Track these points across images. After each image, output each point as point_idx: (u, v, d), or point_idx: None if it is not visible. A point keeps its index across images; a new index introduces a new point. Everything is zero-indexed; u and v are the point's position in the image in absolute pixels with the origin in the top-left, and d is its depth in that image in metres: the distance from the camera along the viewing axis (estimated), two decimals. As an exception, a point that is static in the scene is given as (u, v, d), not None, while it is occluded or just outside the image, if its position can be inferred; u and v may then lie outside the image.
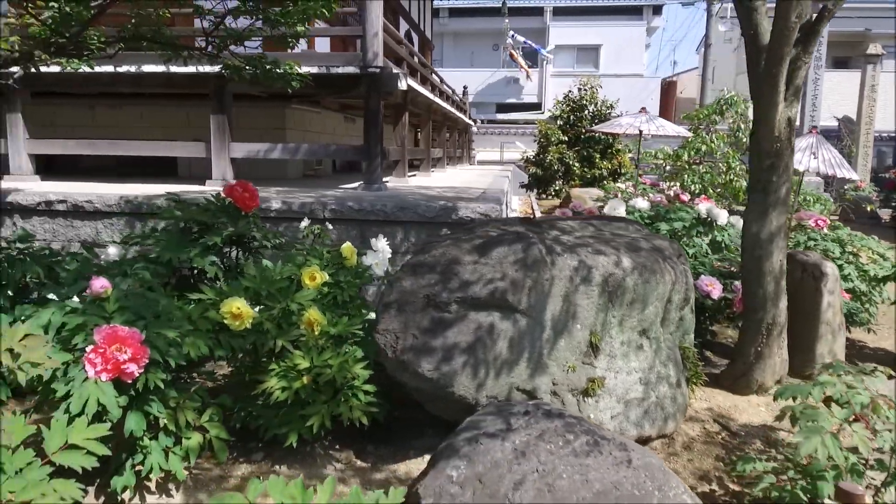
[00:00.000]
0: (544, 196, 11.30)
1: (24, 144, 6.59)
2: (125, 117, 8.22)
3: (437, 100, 9.75)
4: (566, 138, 10.31)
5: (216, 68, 6.03)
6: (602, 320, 2.81)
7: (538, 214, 10.28)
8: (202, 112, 7.87)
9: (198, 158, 7.44)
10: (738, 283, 3.92)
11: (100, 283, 2.18)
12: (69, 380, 1.93)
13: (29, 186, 6.04)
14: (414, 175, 9.25)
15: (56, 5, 3.11)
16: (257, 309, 2.63)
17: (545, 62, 24.07)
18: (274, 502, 1.68)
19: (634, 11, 23.79)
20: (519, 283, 2.56)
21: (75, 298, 2.69)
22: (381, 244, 3.99)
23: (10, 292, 2.89)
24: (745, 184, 7.09)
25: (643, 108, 7.44)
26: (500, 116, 24.27)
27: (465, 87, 17.19)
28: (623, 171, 10.22)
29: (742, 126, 8.28)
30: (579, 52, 24.42)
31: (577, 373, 2.75)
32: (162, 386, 2.08)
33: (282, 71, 4.09)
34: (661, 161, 9.49)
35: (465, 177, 10.35)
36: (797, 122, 3.52)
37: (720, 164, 7.48)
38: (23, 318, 2.49)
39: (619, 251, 2.89)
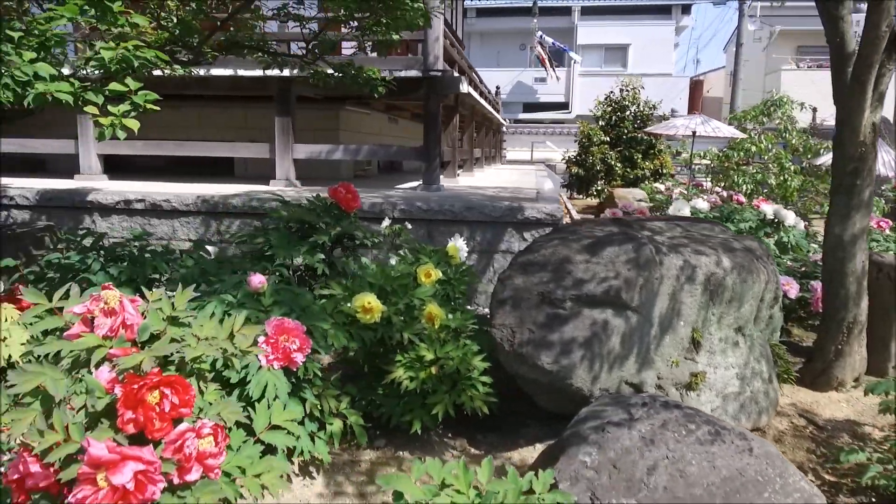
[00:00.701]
0: (581, 196, 11.40)
1: (93, 145, 6.84)
2: (183, 118, 8.45)
3: (481, 100, 9.90)
4: (608, 139, 10.41)
5: (283, 72, 6.25)
6: (703, 318, 2.94)
7: (574, 215, 10.38)
8: (259, 113, 8.09)
9: (255, 159, 7.66)
10: (814, 283, 4.02)
11: (258, 280, 2.35)
12: (243, 366, 2.10)
13: (102, 185, 6.28)
14: (458, 175, 9.40)
15: (173, 18, 3.29)
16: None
17: (573, 62, 24.11)
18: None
19: (663, 11, 23.75)
20: (632, 281, 2.70)
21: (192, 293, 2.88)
22: (460, 243, 4.16)
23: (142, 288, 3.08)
24: (797, 184, 7.15)
25: (696, 110, 7.52)
26: (527, 116, 24.36)
27: (497, 87, 17.31)
28: (664, 171, 10.31)
29: (789, 127, 8.32)
30: (607, 52, 24.44)
31: (679, 368, 2.89)
32: (320, 374, 2.24)
33: (367, 76, 4.25)
34: (709, 162, 9.55)
35: (507, 177, 10.48)
36: (834, 125, 3.63)
37: (770, 165, 7.54)
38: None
39: (718, 251, 3.01)
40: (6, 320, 1.93)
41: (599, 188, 10.12)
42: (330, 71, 4.33)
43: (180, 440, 1.45)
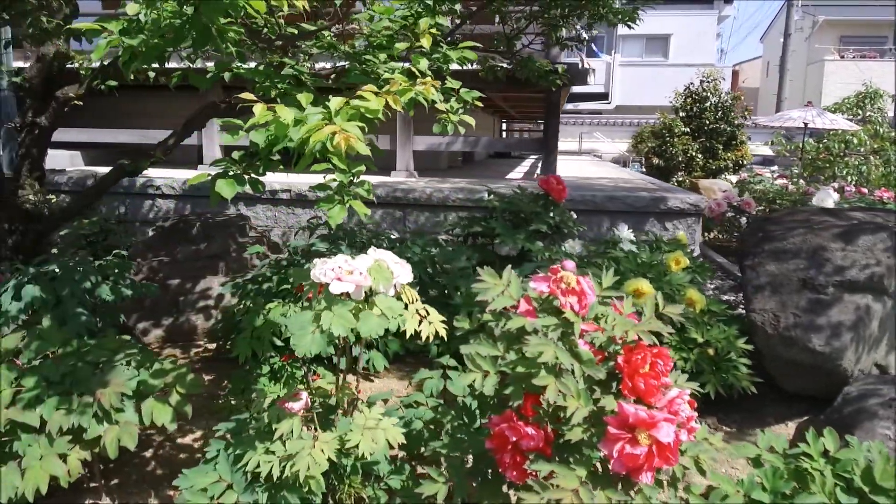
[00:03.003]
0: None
1: (217, 136, 7.02)
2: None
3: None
4: (688, 130, 10.51)
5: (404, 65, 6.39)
6: (939, 303, 3.08)
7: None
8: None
9: (360, 149, 7.80)
10: None
11: (571, 264, 2.51)
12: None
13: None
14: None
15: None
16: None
17: (613, 52, 24.07)
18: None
19: (705, 0, 23.68)
20: (893, 268, 2.84)
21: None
22: (626, 233, 4.31)
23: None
24: (902, 176, 7.23)
25: (809, 102, 7.62)
26: (568, 107, 24.37)
27: (549, 78, 17.39)
28: (745, 162, 10.41)
29: (881, 119, 8.39)
30: (648, 42, 24.38)
31: (919, 351, 3.03)
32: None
33: (542, 69, 4.38)
34: (771, 152, 9.59)
35: (586, 167, 10.59)
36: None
37: (870, 157, 7.63)
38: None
39: (948, 240, 3.15)
40: (413, 301, 2.10)
41: (680, 179, 10.23)
42: (503, 65, 4.46)
43: (675, 406, 1.62)
